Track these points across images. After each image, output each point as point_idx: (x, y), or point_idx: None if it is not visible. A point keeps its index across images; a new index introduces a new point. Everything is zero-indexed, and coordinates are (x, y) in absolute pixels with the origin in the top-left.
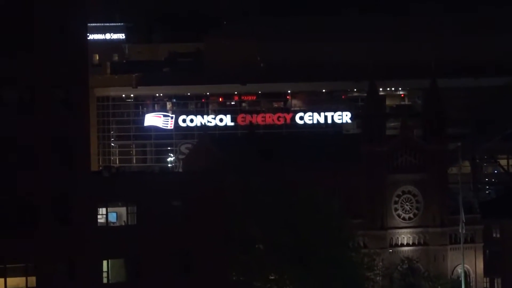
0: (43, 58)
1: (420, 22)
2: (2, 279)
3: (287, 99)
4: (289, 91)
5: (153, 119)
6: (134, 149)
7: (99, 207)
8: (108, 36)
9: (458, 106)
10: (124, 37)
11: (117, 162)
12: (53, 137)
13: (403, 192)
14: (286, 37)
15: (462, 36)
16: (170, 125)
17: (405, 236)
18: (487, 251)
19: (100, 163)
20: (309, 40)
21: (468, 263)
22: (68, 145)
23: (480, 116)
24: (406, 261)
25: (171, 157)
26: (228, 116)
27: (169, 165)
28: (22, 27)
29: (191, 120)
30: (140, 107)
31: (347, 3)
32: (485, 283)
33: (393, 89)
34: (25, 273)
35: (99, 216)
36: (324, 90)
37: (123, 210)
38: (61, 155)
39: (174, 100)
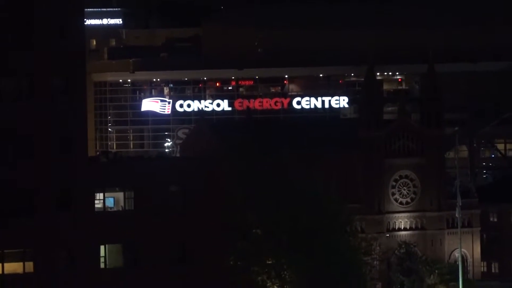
0: (41, 45)
1: (419, 8)
2: (0, 264)
3: (285, 84)
4: (286, 76)
5: (150, 104)
6: (131, 134)
7: (97, 192)
8: (105, 21)
9: (455, 90)
10: (121, 22)
11: (114, 147)
12: (51, 123)
13: (401, 177)
14: (283, 22)
15: (460, 21)
16: (167, 110)
17: (402, 220)
18: (484, 235)
19: (97, 148)
20: (306, 25)
21: (465, 247)
22: (65, 131)
23: (477, 100)
24: (403, 246)
25: (169, 142)
26: (226, 101)
27: (166, 150)
28: (20, 16)
29: (188, 105)
30: (137, 92)
31: None
32: (482, 267)
33: (390, 73)
34: (22, 259)
35: (96, 201)
36: (321, 75)
37: (120, 195)
38: (58, 141)
39: (171, 85)
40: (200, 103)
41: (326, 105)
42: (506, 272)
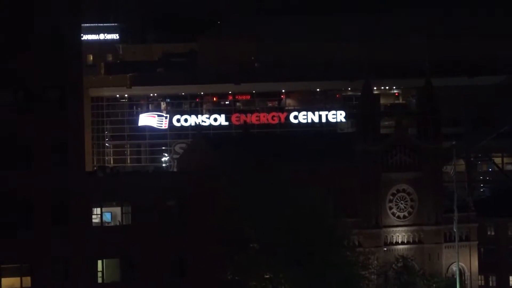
0: (38, 59)
1: (415, 22)
2: None
3: (282, 99)
4: (283, 90)
5: (147, 119)
6: (128, 149)
7: (94, 207)
8: (102, 36)
9: (452, 105)
10: (118, 37)
11: (112, 162)
12: (48, 137)
13: (398, 191)
14: (280, 36)
15: (457, 35)
16: (164, 125)
17: (399, 234)
18: (482, 249)
19: (95, 163)
20: (303, 39)
21: (463, 261)
22: (63, 145)
23: (474, 114)
24: (401, 260)
25: (166, 157)
26: (223, 116)
27: (164, 165)
28: (17, 29)
29: (185, 120)
30: (134, 107)
31: (344, 3)
32: (480, 281)
33: (387, 88)
34: (20, 273)
35: (93, 216)
36: (318, 89)
37: (117, 210)
38: (56, 156)
39: (168, 100)
40: (197, 117)
41: (323, 119)
42: (504, 286)
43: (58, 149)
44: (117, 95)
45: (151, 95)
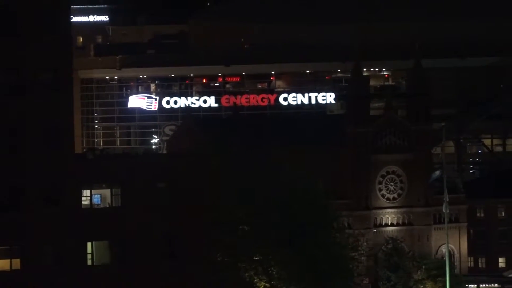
0: (27, 41)
1: (405, 3)
2: None
3: (271, 80)
4: (273, 72)
5: (137, 101)
6: (118, 131)
7: (83, 189)
8: (91, 18)
9: (442, 86)
10: (107, 19)
11: (101, 144)
12: (39, 120)
13: (388, 173)
14: (270, 18)
15: (447, 15)
16: (154, 106)
17: (389, 216)
18: (471, 230)
19: (84, 145)
20: (293, 21)
21: (452, 242)
22: (53, 128)
23: (464, 96)
24: (390, 241)
25: (155, 138)
26: (212, 98)
27: (153, 146)
28: (7, 12)
29: (175, 102)
30: (124, 89)
31: None
32: (469, 262)
33: (377, 69)
34: (9, 255)
35: (83, 198)
36: (308, 71)
37: (107, 192)
38: (46, 138)
39: (158, 81)
40: (186, 99)
41: (313, 101)
42: (493, 267)
43: (48, 131)
44: (107, 77)
45: (141, 77)
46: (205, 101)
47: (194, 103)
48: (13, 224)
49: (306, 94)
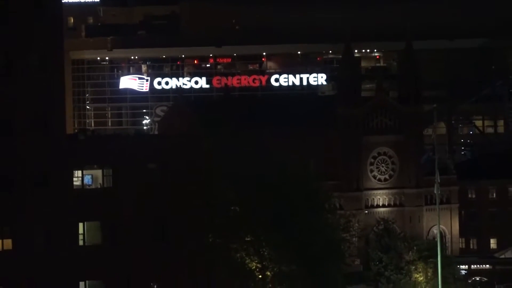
0: (18, 22)
1: None
2: None
3: (263, 61)
4: (264, 54)
5: (128, 82)
6: (109, 112)
7: (75, 170)
8: None
9: (433, 67)
10: (98, 0)
11: (93, 125)
12: (29, 101)
13: (379, 154)
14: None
15: None
16: (145, 87)
17: (380, 197)
18: (463, 212)
19: (76, 126)
20: (284, 3)
21: (443, 223)
22: (44, 109)
23: (455, 77)
24: (382, 222)
25: (147, 119)
26: (204, 79)
27: (145, 127)
28: None
29: (166, 83)
30: (115, 70)
31: None
32: (460, 244)
33: (368, 51)
34: (1, 236)
35: (74, 179)
36: (299, 52)
37: (98, 172)
38: (37, 119)
39: (149, 62)
40: (178, 80)
41: (304, 83)
42: (484, 248)
43: (39, 113)
44: (98, 58)
45: (132, 58)
46: (196, 82)
47: (186, 84)
48: (5, 205)
49: (297, 75)
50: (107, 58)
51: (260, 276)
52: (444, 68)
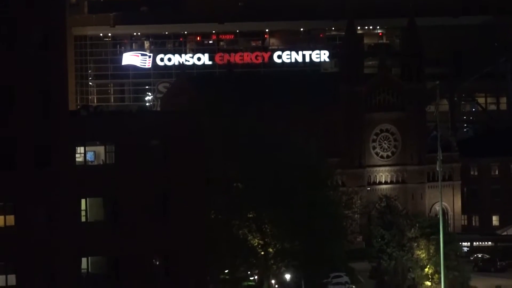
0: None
1: None
2: None
3: (265, 38)
4: (267, 30)
5: (131, 58)
6: (112, 88)
7: (77, 146)
8: None
9: (436, 45)
10: None
11: (95, 101)
12: (31, 78)
13: (381, 131)
14: None
15: None
16: (148, 64)
17: (383, 174)
18: (465, 189)
19: (78, 102)
20: None
21: (445, 200)
22: (46, 85)
23: (458, 55)
24: (384, 199)
25: (149, 96)
26: (206, 55)
27: (147, 104)
28: None
29: (169, 59)
30: (118, 46)
31: None
32: (462, 221)
33: (371, 28)
34: (3, 212)
35: (77, 155)
36: (302, 29)
37: (101, 149)
38: (39, 95)
39: (152, 39)
40: (180, 57)
41: (307, 59)
42: (486, 225)
43: (41, 89)
44: (101, 34)
45: (135, 34)
46: (199, 59)
47: (188, 61)
48: (7, 182)
49: (300, 52)
50: (109, 34)
51: (262, 253)
52: (447, 45)
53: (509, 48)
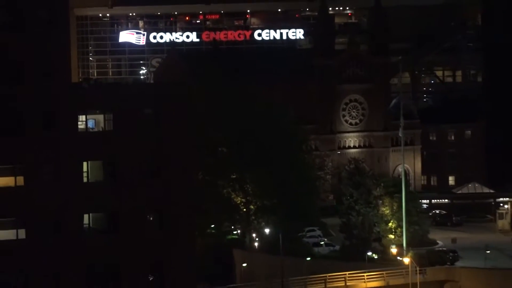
0: None
1: None
2: None
3: (247, 18)
4: (248, 11)
5: (127, 36)
6: (110, 63)
7: (79, 115)
8: None
9: (400, 23)
10: None
11: (95, 75)
12: (38, 53)
13: (350, 100)
14: None
15: None
16: (142, 41)
17: (352, 139)
18: (425, 152)
19: (80, 75)
20: None
21: (407, 163)
22: (52, 59)
23: (420, 32)
24: (353, 162)
25: (143, 70)
26: (194, 33)
27: (142, 77)
28: None
29: (161, 37)
30: (116, 25)
31: None
32: (422, 181)
33: (341, 8)
34: (14, 173)
35: (79, 123)
36: (279, 10)
37: (100, 117)
38: (45, 68)
39: (146, 19)
40: (171, 35)
41: (284, 37)
42: (444, 184)
43: (47, 63)
44: (100, 15)
45: (131, 14)
46: (187, 37)
47: (178, 38)
48: (17, 146)
49: (278, 31)
50: (108, 14)
51: (245, 210)
52: (410, 23)
53: (465, 26)
